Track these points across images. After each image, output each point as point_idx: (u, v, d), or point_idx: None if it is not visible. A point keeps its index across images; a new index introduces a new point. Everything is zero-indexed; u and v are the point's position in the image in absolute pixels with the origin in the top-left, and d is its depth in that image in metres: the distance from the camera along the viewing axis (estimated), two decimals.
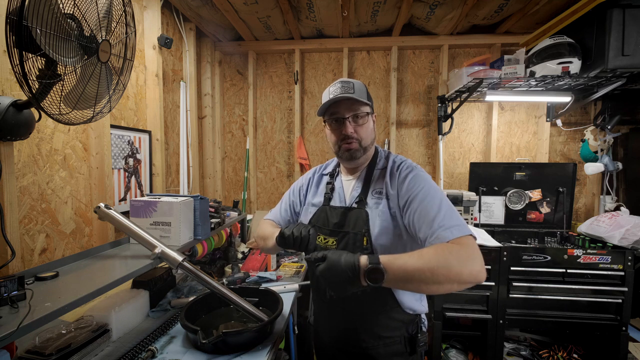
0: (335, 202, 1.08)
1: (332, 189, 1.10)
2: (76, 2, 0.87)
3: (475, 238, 0.82)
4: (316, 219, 1.08)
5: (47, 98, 0.89)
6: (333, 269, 0.77)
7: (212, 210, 1.76)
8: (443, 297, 1.87)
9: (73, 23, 0.88)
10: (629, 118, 2.49)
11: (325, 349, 1.12)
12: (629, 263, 1.78)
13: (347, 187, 1.08)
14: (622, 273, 1.79)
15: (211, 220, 1.67)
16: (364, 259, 0.77)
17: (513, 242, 2.28)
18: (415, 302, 1.00)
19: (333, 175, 1.15)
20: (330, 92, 1.00)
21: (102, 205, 1.24)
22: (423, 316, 1.05)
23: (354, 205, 1.01)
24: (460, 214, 2.18)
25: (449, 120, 2.47)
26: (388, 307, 0.98)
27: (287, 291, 1.62)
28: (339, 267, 0.76)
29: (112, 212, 1.23)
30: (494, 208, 2.40)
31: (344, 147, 1.01)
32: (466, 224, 0.85)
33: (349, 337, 1.02)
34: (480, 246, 1.82)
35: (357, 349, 1.01)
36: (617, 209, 2.38)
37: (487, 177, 2.41)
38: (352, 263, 0.76)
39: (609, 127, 2.23)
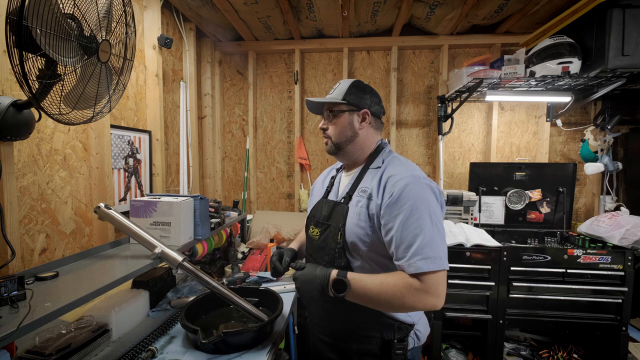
0: (331, 196, 1.12)
1: (332, 184, 1.15)
2: (76, 2, 0.87)
3: (446, 270, 0.86)
4: (314, 210, 1.13)
5: (47, 98, 0.89)
6: (308, 281, 0.93)
7: (212, 210, 1.76)
8: None
9: (73, 23, 0.88)
10: (629, 118, 2.49)
11: (311, 338, 1.17)
12: (629, 263, 1.78)
13: (343, 183, 1.12)
14: (622, 273, 1.79)
15: (211, 220, 1.67)
16: (334, 273, 0.91)
17: (513, 242, 2.28)
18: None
19: (339, 170, 1.19)
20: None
21: (102, 205, 1.24)
22: (417, 330, 1.02)
23: (342, 200, 1.04)
24: (460, 214, 2.18)
25: (449, 120, 2.47)
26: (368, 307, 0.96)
27: (287, 291, 1.62)
28: (314, 278, 0.92)
29: (112, 212, 1.23)
30: (494, 208, 2.40)
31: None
32: (442, 255, 0.86)
33: (330, 329, 1.06)
34: (480, 246, 1.83)
35: (335, 342, 1.04)
36: (617, 209, 2.38)
37: (487, 177, 2.41)
38: (323, 276, 0.91)
39: (609, 127, 2.23)
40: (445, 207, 2.12)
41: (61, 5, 0.84)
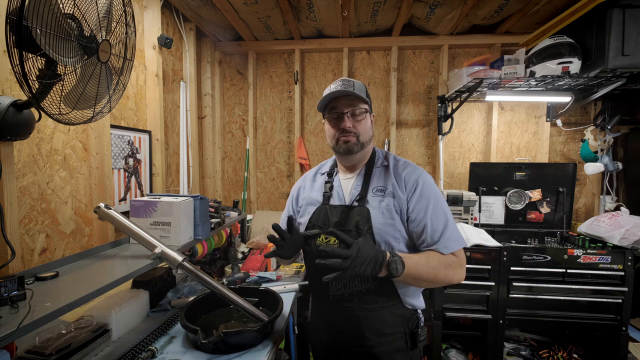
0: (334, 200, 1.07)
1: (331, 188, 1.10)
2: (76, 2, 0.87)
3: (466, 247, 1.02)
4: (316, 218, 1.07)
5: (47, 98, 0.89)
6: (367, 255, 0.82)
7: (212, 210, 1.76)
8: (443, 297, 1.87)
9: (73, 23, 0.88)
10: (629, 118, 2.49)
11: (325, 349, 1.11)
12: (629, 263, 1.78)
13: (346, 186, 1.08)
14: (622, 273, 1.79)
15: (211, 220, 1.67)
16: (388, 254, 0.88)
17: (513, 242, 2.28)
18: (415, 299, 1.05)
19: (331, 174, 1.14)
20: (331, 89, 1.02)
21: (102, 205, 1.24)
22: (420, 312, 1.09)
23: (355, 203, 1.02)
24: (460, 214, 2.18)
25: (449, 120, 2.47)
26: (391, 303, 1.01)
27: (287, 291, 1.62)
28: (375, 254, 0.84)
29: (112, 212, 1.23)
30: (494, 208, 2.40)
31: (342, 140, 1.03)
32: (462, 236, 1.01)
33: (351, 336, 1.02)
34: (480, 246, 1.83)
35: (360, 348, 1.01)
36: (617, 209, 2.38)
37: (487, 177, 2.41)
38: (382, 252, 0.87)
39: (609, 127, 2.23)
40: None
41: (61, 5, 0.83)
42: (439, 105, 2.49)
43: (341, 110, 1.02)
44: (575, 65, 1.90)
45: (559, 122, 2.53)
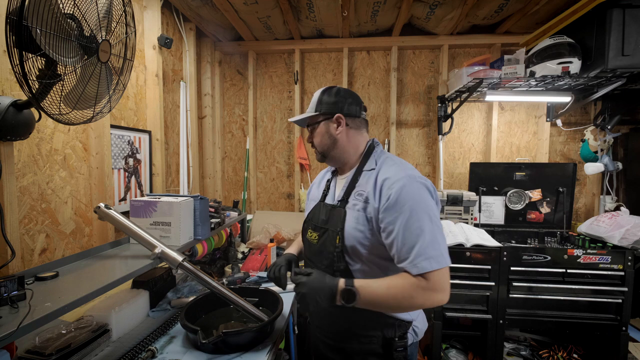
0: (328, 199, 1.12)
1: (329, 187, 1.15)
2: (76, 2, 0.87)
3: (448, 265, 0.88)
4: (312, 214, 1.14)
5: (47, 98, 0.89)
6: (317, 289, 0.89)
7: (212, 210, 1.76)
8: None
9: (73, 23, 0.88)
10: (629, 118, 2.49)
11: (312, 340, 1.19)
12: (629, 263, 1.78)
13: (338, 186, 1.12)
14: (622, 273, 1.79)
15: (211, 220, 1.67)
16: (341, 282, 0.90)
17: (513, 242, 2.28)
18: None
19: (335, 173, 1.18)
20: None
21: (102, 205, 1.24)
22: (415, 326, 1.03)
23: (338, 204, 1.04)
24: (460, 214, 2.18)
25: (449, 120, 2.47)
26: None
27: (287, 291, 1.62)
28: (323, 287, 0.89)
29: (112, 212, 1.23)
30: (494, 208, 2.40)
31: None
32: (444, 252, 0.87)
33: (331, 331, 1.07)
34: (480, 246, 1.83)
35: (332, 341, 1.06)
36: (617, 209, 2.38)
37: (487, 177, 2.41)
38: (333, 285, 0.90)
39: (609, 127, 2.23)
40: (446, 207, 2.15)
41: (61, 5, 0.83)
42: (439, 105, 2.49)
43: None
44: (575, 65, 1.90)
45: (559, 122, 2.53)
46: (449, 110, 2.46)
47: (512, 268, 1.83)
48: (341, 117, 1.04)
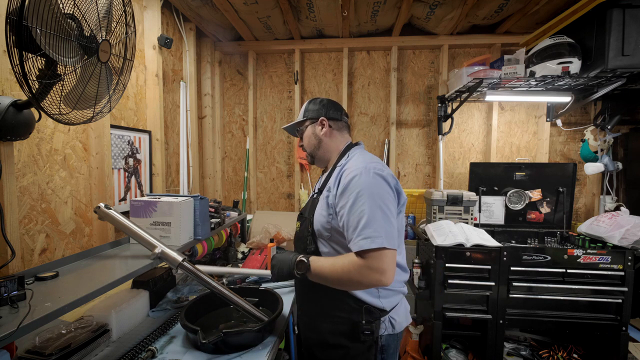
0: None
1: (319, 181, 1.29)
2: (76, 2, 0.87)
3: (389, 248, 0.93)
4: (304, 207, 1.26)
5: (47, 98, 0.89)
6: (281, 260, 1.09)
7: (212, 210, 1.76)
8: (443, 297, 1.87)
9: (73, 23, 0.88)
10: (629, 118, 2.49)
11: (298, 320, 1.28)
12: (629, 263, 1.78)
13: (320, 181, 1.25)
14: (622, 273, 1.79)
15: (211, 220, 1.67)
16: (299, 256, 1.05)
17: (513, 242, 2.28)
18: (366, 294, 1.05)
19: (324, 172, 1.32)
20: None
21: (102, 205, 1.24)
22: (392, 318, 1.08)
23: (314, 195, 1.19)
24: (460, 214, 2.18)
25: (449, 120, 2.47)
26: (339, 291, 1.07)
27: (287, 291, 1.62)
28: (285, 260, 1.08)
29: (112, 212, 1.23)
30: (494, 208, 2.40)
31: None
32: (384, 234, 0.93)
33: (309, 311, 1.17)
34: (480, 246, 1.83)
35: (312, 321, 1.15)
36: (617, 209, 2.38)
37: (487, 177, 2.40)
38: (292, 258, 1.07)
39: (609, 127, 2.23)
40: (446, 207, 2.15)
41: (61, 5, 0.83)
42: (439, 105, 2.49)
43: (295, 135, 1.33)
44: (575, 65, 1.90)
45: (559, 122, 2.53)
46: (449, 110, 2.46)
47: (512, 268, 1.83)
48: (325, 120, 1.20)
